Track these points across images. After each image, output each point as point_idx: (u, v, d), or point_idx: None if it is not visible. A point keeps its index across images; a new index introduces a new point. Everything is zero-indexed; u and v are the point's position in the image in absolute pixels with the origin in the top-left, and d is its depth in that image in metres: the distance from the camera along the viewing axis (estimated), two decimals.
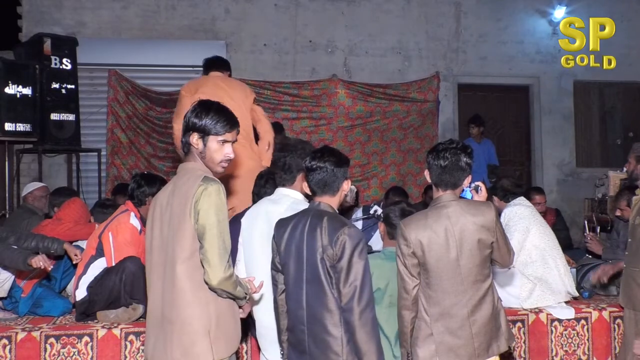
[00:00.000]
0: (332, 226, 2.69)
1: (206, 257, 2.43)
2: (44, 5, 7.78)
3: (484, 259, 2.83)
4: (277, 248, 2.86)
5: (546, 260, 4.20)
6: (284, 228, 2.85)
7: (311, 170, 2.82)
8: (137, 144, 7.93)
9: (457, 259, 2.78)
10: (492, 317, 2.83)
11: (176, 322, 2.48)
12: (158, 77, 8.18)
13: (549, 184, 8.79)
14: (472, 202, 2.93)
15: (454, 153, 2.84)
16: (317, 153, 2.86)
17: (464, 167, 2.85)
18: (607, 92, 9.48)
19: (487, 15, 8.98)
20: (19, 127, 6.69)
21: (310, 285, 2.71)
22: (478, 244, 2.79)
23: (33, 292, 4.21)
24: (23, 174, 7.54)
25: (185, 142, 2.59)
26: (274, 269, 2.92)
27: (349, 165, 2.91)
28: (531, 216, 4.29)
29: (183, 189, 2.49)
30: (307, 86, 8.34)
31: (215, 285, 2.44)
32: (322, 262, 2.67)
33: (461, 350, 2.77)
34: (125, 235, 4.03)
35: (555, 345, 4.24)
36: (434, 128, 8.65)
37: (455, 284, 2.78)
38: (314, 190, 2.85)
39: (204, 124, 2.55)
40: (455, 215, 2.80)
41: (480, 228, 2.79)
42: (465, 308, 2.78)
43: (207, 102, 2.64)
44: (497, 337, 2.85)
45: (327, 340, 2.65)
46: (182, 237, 2.46)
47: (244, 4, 8.40)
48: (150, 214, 2.65)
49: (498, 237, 2.83)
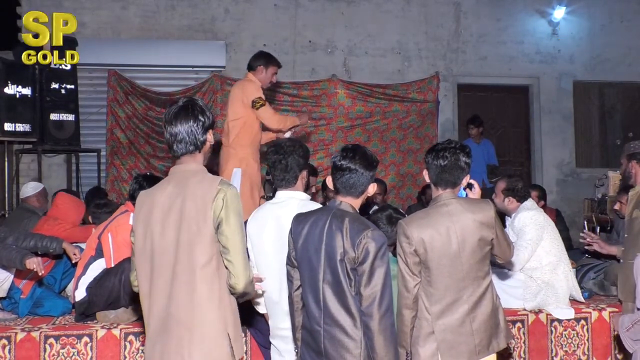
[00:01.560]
0: (354, 228, 2.64)
1: (232, 262, 2.44)
2: (44, 6, 7.76)
3: (484, 256, 2.85)
4: (294, 244, 2.81)
5: (555, 265, 4.20)
6: (302, 225, 2.79)
7: (340, 170, 2.75)
8: (136, 144, 7.93)
9: (459, 256, 2.80)
10: (491, 314, 2.85)
11: (196, 327, 2.45)
12: (158, 78, 8.20)
13: (548, 184, 8.78)
14: (472, 200, 2.95)
15: (453, 152, 2.87)
16: (349, 152, 2.77)
17: (463, 167, 2.88)
18: (607, 92, 9.48)
19: (487, 16, 8.98)
20: (19, 127, 6.70)
21: (329, 286, 2.67)
22: (479, 241, 2.81)
23: (32, 293, 4.20)
24: (22, 174, 7.54)
25: (200, 142, 2.56)
26: (290, 264, 2.87)
27: (377, 168, 2.85)
28: (545, 222, 4.26)
29: (198, 193, 2.46)
30: (306, 86, 8.34)
31: (242, 290, 2.46)
32: (341, 263, 2.63)
33: (462, 347, 2.78)
34: (124, 236, 4.01)
35: (555, 345, 4.23)
36: (433, 128, 8.65)
37: (456, 281, 2.80)
38: (338, 189, 2.78)
39: (211, 120, 2.59)
40: (456, 213, 2.82)
41: (481, 225, 2.81)
42: (465, 305, 2.80)
43: (195, 99, 2.64)
44: (497, 334, 2.87)
45: (345, 342, 2.62)
46: (202, 241, 2.44)
47: (244, 4, 8.40)
48: (144, 214, 2.57)
49: (498, 233, 2.86)
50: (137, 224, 2.59)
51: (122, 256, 3.97)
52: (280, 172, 3.22)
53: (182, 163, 2.58)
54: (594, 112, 9.49)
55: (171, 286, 2.48)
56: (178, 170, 2.58)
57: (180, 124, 2.53)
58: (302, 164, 3.24)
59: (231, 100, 5.10)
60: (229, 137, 5.03)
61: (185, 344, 2.45)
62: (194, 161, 2.58)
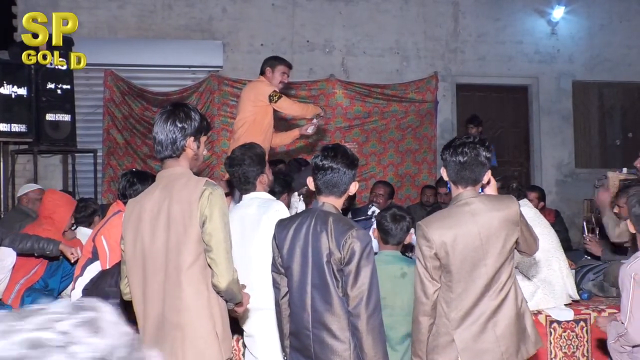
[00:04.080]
0: (339, 229, 2.61)
1: (215, 261, 2.44)
2: (40, 5, 7.72)
3: (510, 256, 2.69)
4: (279, 250, 2.79)
5: (550, 262, 4.16)
6: (286, 229, 2.77)
7: (321, 169, 2.72)
8: (133, 145, 7.89)
9: (484, 258, 2.63)
10: (516, 318, 2.67)
11: (187, 327, 2.46)
12: (154, 77, 8.17)
13: (547, 184, 8.74)
14: (494, 196, 2.79)
15: (472, 148, 2.67)
16: (330, 152, 2.75)
17: (483, 162, 2.68)
18: (606, 92, 9.45)
19: (486, 15, 8.95)
20: (14, 127, 6.66)
21: (316, 289, 2.65)
22: (505, 241, 2.64)
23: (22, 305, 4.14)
24: (18, 175, 7.50)
25: (179, 147, 2.55)
26: (275, 271, 2.85)
27: (358, 167, 2.84)
28: (535, 217, 4.23)
29: (183, 194, 2.47)
30: (304, 86, 8.29)
31: (224, 288, 2.46)
32: (328, 264, 2.61)
33: (487, 356, 2.61)
34: (117, 238, 3.97)
35: (555, 347, 4.20)
36: (432, 128, 8.61)
37: (480, 285, 2.63)
38: (320, 189, 2.75)
39: (199, 125, 2.58)
40: (479, 212, 2.64)
41: (506, 222, 2.64)
42: (487, 309, 2.63)
43: (184, 105, 2.65)
44: (524, 339, 2.69)
45: (334, 345, 2.60)
46: (188, 242, 2.45)
47: (241, 3, 8.37)
48: (133, 220, 2.58)
49: (523, 229, 2.70)
50: (126, 231, 2.60)
51: (118, 257, 3.92)
52: (238, 183, 3.46)
53: (167, 167, 2.61)
54: (594, 113, 9.46)
55: (164, 289, 2.49)
56: (164, 175, 2.60)
57: (161, 127, 2.55)
58: (256, 170, 3.38)
59: (241, 100, 5.19)
60: (236, 135, 5.07)
61: (179, 344, 2.47)
62: (178, 165, 2.58)
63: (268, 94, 4.98)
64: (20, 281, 4.20)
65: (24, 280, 4.20)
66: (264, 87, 5.06)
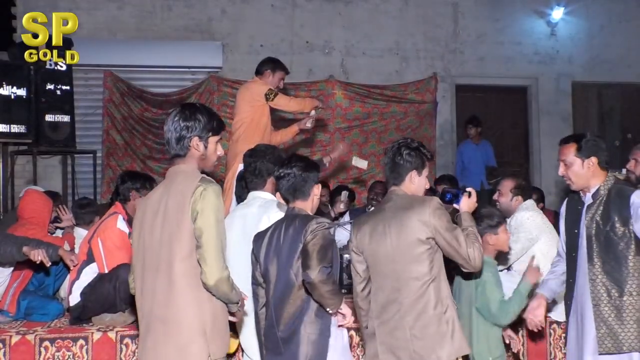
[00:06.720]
0: (302, 221, 2.83)
1: (203, 256, 2.43)
2: (39, 6, 7.69)
3: (422, 256, 2.73)
4: (257, 259, 2.93)
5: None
6: (261, 239, 2.95)
7: (280, 178, 2.94)
8: (132, 146, 7.89)
9: (393, 255, 2.77)
10: (431, 320, 2.71)
11: (171, 321, 2.46)
12: (154, 78, 8.17)
13: (547, 185, 8.74)
14: (412, 196, 2.90)
15: (394, 150, 2.95)
16: (285, 160, 3.01)
17: (401, 163, 2.90)
18: (606, 93, 9.45)
19: (485, 16, 8.96)
20: (14, 128, 6.64)
21: (280, 284, 2.83)
22: (414, 240, 2.73)
23: (18, 309, 4.14)
24: (17, 176, 7.50)
25: (184, 146, 2.57)
26: (255, 283, 2.97)
27: (319, 171, 3.02)
28: (543, 224, 4.23)
29: (179, 189, 2.49)
30: (303, 87, 8.28)
31: (212, 285, 2.44)
32: (297, 260, 2.78)
33: (400, 352, 2.74)
34: (113, 240, 4.00)
35: (554, 347, 4.21)
36: (431, 129, 8.62)
37: (391, 281, 2.78)
38: (285, 198, 2.97)
39: (206, 125, 2.58)
40: (392, 210, 2.83)
41: (417, 223, 2.73)
42: (400, 308, 2.75)
43: (194, 105, 2.67)
44: (441, 344, 2.70)
45: (301, 334, 2.77)
46: (181, 236, 2.45)
47: (241, 4, 8.37)
48: (139, 217, 2.62)
49: (441, 232, 2.72)
50: (134, 227, 2.66)
51: (115, 260, 3.96)
52: (250, 175, 3.51)
53: (175, 164, 2.62)
54: (593, 113, 9.47)
55: (155, 283, 2.51)
56: (171, 172, 2.62)
57: (168, 125, 2.59)
58: (272, 169, 3.39)
59: (237, 102, 5.20)
60: (234, 137, 5.09)
61: (160, 338, 2.47)
62: (184, 163, 2.60)
63: (264, 92, 5.01)
64: (14, 285, 4.20)
65: (17, 284, 4.19)
66: (259, 86, 5.08)
